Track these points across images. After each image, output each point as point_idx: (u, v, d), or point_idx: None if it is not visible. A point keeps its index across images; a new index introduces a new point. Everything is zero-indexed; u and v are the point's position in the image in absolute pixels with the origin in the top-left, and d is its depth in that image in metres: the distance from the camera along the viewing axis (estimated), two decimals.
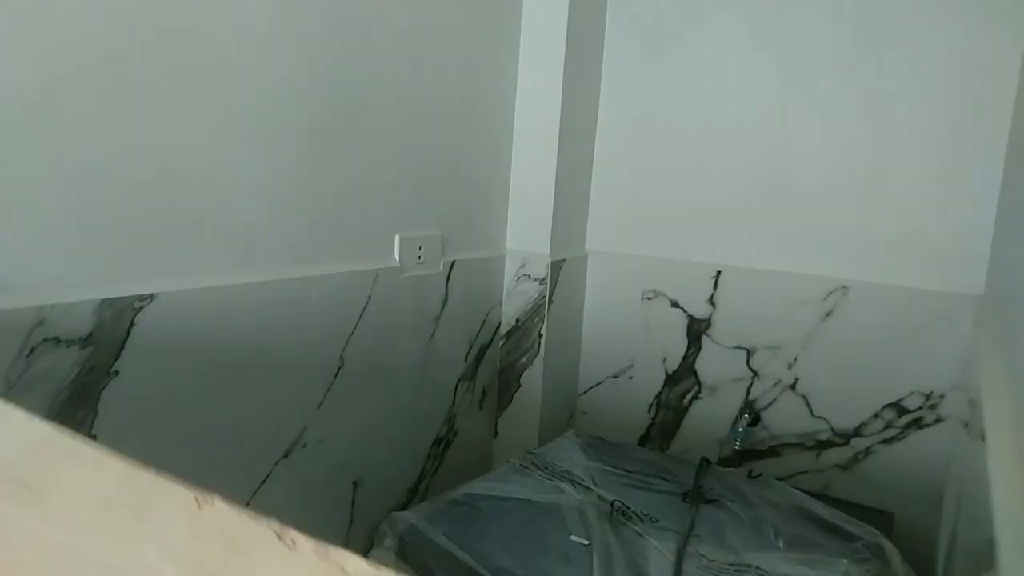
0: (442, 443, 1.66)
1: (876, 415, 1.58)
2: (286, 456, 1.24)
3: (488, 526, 1.24)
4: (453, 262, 1.60)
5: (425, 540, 1.19)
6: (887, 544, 1.20)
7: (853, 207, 1.58)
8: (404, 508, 1.54)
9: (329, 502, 1.35)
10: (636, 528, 1.25)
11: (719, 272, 1.74)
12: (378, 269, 1.39)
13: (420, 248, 1.50)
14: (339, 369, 1.33)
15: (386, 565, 0.91)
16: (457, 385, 1.68)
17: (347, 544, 1.39)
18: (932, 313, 1.51)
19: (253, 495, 1.19)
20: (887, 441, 1.57)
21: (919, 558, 1.23)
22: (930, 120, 1.49)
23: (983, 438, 1.11)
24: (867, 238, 1.57)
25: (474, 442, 1.78)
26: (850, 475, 1.61)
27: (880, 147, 1.55)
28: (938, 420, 1.51)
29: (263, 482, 1.21)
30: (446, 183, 1.56)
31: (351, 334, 1.35)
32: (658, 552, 1.17)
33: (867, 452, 1.60)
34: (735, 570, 1.12)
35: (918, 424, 1.54)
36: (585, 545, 1.19)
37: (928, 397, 1.52)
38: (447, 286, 1.59)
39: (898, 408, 1.55)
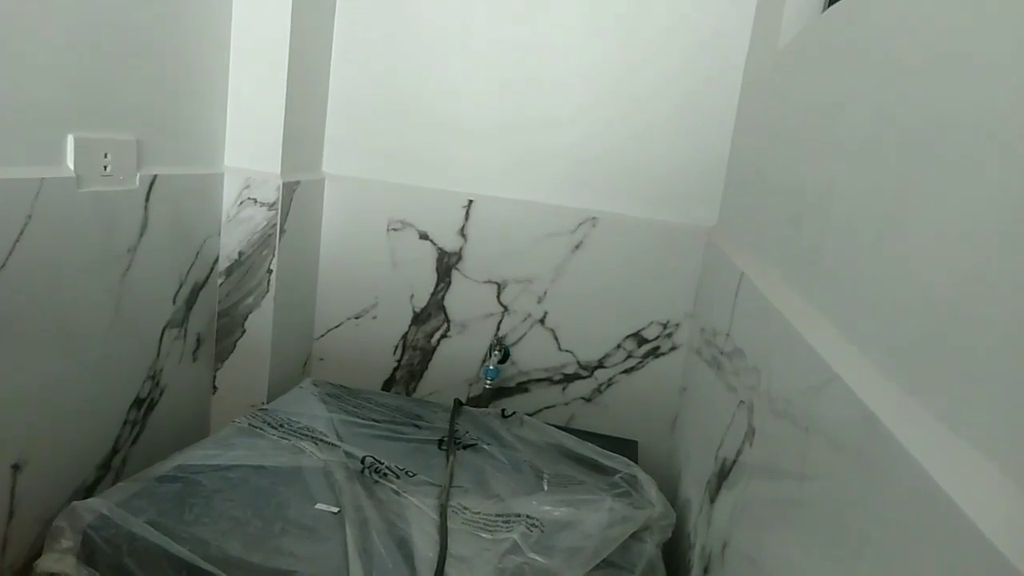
0: (143, 405, 1.33)
1: (618, 346, 1.60)
2: None
3: (210, 505, 1.00)
4: (155, 177, 1.26)
5: (121, 532, 0.91)
6: (642, 475, 1.20)
7: (602, 138, 1.55)
8: (92, 491, 1.21)
9: None
10: (392, 486, 1.10)
11: (471, 202, 1.62)
12: (42, 179, 1.02)
13: (106, 155, 1.15)
14: None
15: (65, 573, 0.62)
16: (163, 333, 1.36)
17: (5, 546, 1.05)
18: (671, 245, 1.55)
19: None
20: (628, 371, 1.61)
21: (661, 482, 1.26)
22: (671, 54, 1.50)
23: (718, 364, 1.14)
24: (615, 170, 1.56)
25: (187, 401, 1.48)
26: (594, 406, 1.64)
27: (627, 81, 1.53)
28: (673, 348, 1.58)
29: None
30: (143, 71, 1.21)
31: (1, 267, 0.98)
32: (419, 511, 1.04)
33: (609, 383, 1.62)
34: (504, 521, 1.03)
35: (655, 353, 1.59)
36: (335, 513, 1.01)
37: (665, 326, 1.58)
38: (146, 207, 1.25)
39: (638, 338, 1.59)
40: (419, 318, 1.68)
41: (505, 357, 1.64)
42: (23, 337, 1.03)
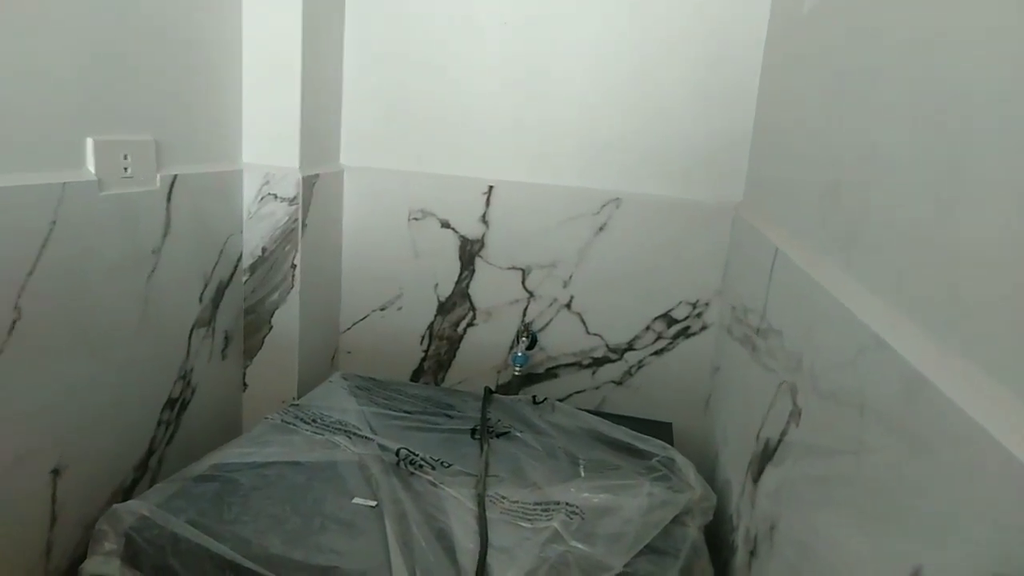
0: (176, 405, 1.34)
1: (647, 328, 1.58)
2: None
3: (248, 503, 0.99)
4: (175, 177, 1.25)
5: (163, 533, 0.91)
6: (679, 457, 1.19)
7: (622, 118, 1.52)
8: (130, 492, 1.22)
9: (17, 501, 0.99)
10: (428, 477, 1.09)
11: (491, 188, 1.60)
12: (64, 184, 1.02)
13: (125, 156, 1.14)
14: (14, 323, 0.96)
15: (109, 574, 0.61)
16: (191, 333, 1.36)
17: (49, 552, 1.05)
18: (697, 222, 1.52)
19: None
20: (658, 353, 1.59)
21: (697, 463, 1.24)
22: (689, 30, 1.47)
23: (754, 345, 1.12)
24: (636, 150, 1.53)
25: (218, 399, 1.48)
26: (624, 389, 1.62)
27: (646, 59, 1.49)
28: (703, 328, 1.56)
29: None
30: (157, 71, 1.20)
31: (29, 274, 0.98)
32: (457, 502, 1.03)
33: (639, 365, 1.60)
34: (543, 510, 1.01)
35: (685, 333, 1.57)
36: (373, 507, 1.00)
37: (694, 306, 1.55)
38: (168, 208, 1.25)
39: (667, 319, 1.57)
40: (444, 307, 1.67)
41: (533, 343, 1.62)
42: (53, 343, 1.03)
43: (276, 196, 1.47)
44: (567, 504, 1.02)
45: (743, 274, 1.32)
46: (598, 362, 1.62)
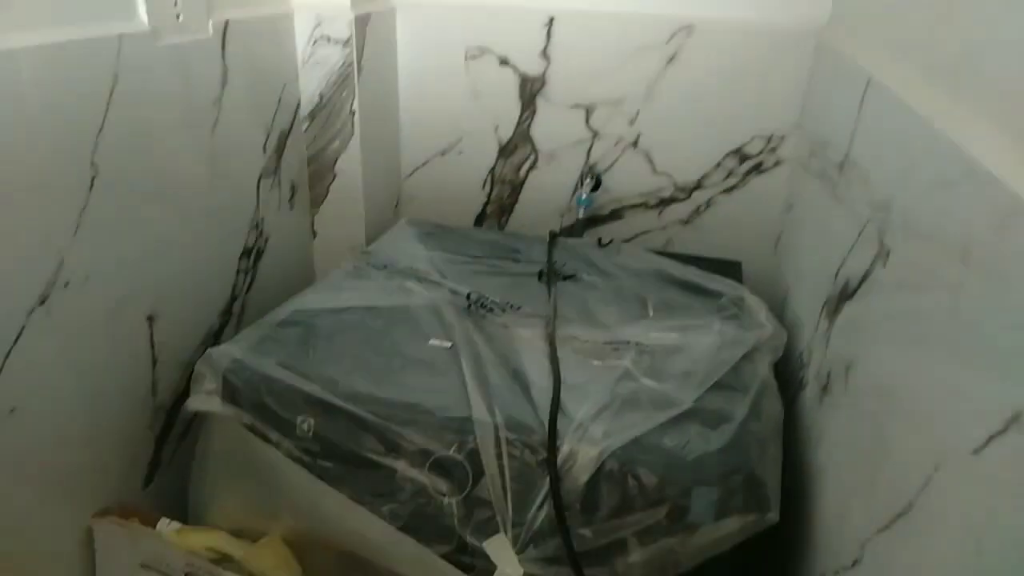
0: (252, 254, 1.38)
1: (718, 164, 1.52)
2: (43, 303, 0.93)
3: (331, 346, 1.05)
4: (227, 22, 1.21)
5: (256, 375, 0.97)
6: (749, 296, 1.18)
7: None
8: (219, 336, 1.30)
9: (117, 346, 1.07)
10: (500, 320, 1.12)
11: (552, 19, 1.50)
12: (120, 35, 1.00)
13: (176, 3, 1.10)
14: (93, 180, 0.98)
15: (213, 411, 0.67)
16: (259, 183, 1.37)
17: (155, 389, 1.15)
18: (775, 49, 1.41)
19: (5, 359, 0.89)
20: (728, 191, 1.54)
21: (767, 301, 1.23)
22: None
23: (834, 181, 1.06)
24: None
25: (290, 248, 1.52)
26: (692, 228, 1.59)
27: None
28: (777, 163, 1.49)
29: (16, 339, 0.90)
30: None
31: (100, 131, 0.98)
32: (529, 342, 1.06)
33: (708, 204, 1.56)
34: (613, 348, 1.04)
35: (758, 169, 1.51)
36: (448, 348, 1.04)
37: (769, 140, 1.48)
38: (223, 56, 1.22)
39: (740, 155, 1.50)
40: (505, 150, 1.63)
41: (597, 185, 1.59)
42: (133, 197, 1.06)
43: (329, 39, 1.42)
44: (637, 343, 1.04)
45: (827, 106, 1.24)
46: (665, 202, 1.59)
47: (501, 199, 1.69)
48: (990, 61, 0.62)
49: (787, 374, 1.15)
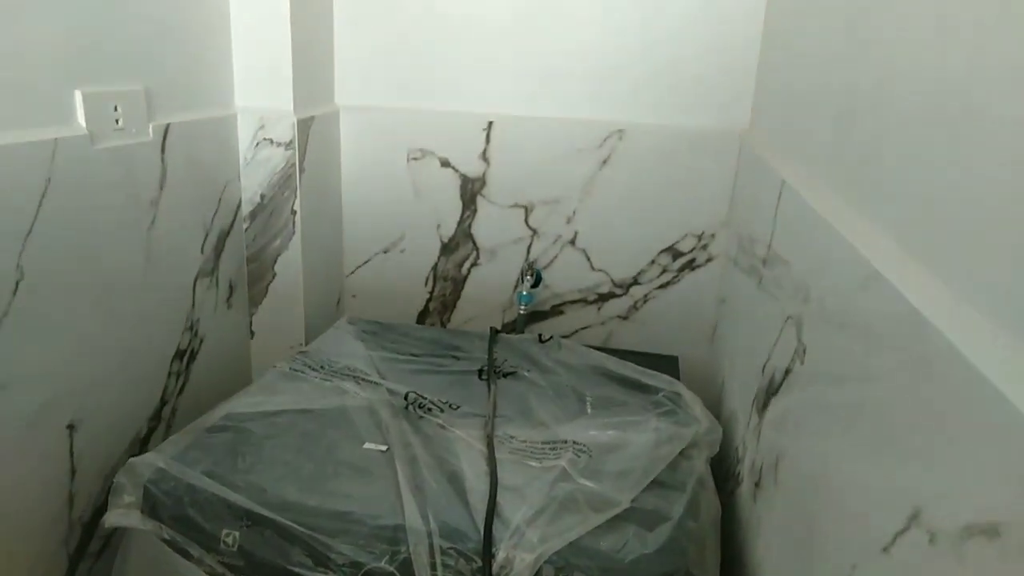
0: (185, 356, 1.35)
1: (653, 261, 1.57)
2: None
3: (262, 452, 1.01)
4: (168, 125, 1.23)
5: (180, 485, 0.93)
6: (685, 391, 1.20)
7: (623, 45, 1.47)
8: (146, 442, 1.24)
9: (35, 456, 1.01)
10: (437, 420, 1.11)
11: (490, 123, 1.56)
12: (56, 139, 1.00)
13: (116, 108, 1.11)
14: (18, 283, 0.96)
15: (131, 526, 0.63)
16: (196, 283, 1.36)
17: (72, 503, 1.08)
18: (702, 151, 1.49)
19: None
20: (663, 286, 1.58)
21: (704, 394, 1.25)
22: None
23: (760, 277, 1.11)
24: (639, 78, 1.48)
25: (227, 348, 1.49)
26: (631, 324, 1.62)
27: None
28: (709, 259, 1.55)
29: None
30: (143, 16, 1.15)
31: (28, 233, 0.97)
32: (466, 444, 1.05)
33: (645, 299, 1.60)
34: (551, 448, 1.03)
35: (691, 265, 1.56)
36: (383, 451, 1.02)
37: (700, 238, 1.54)
38: (163, 158, 1.23)
39: (673, 252, 1.56)
40: (447, 248, 1.66)
41: (537, 281, 1.62)
42: (59, 300, 1.03)
43: (272, 141, 1.44)
44: (574, 442, 1.04)
45: (750, 204, 1.30)
46: (603, 298, 1.62)
47: (444, 296, 1.70)
48: (887, 174, 0.67)
49: (724, 469, 1.15)
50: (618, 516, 0.89)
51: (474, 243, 1.65)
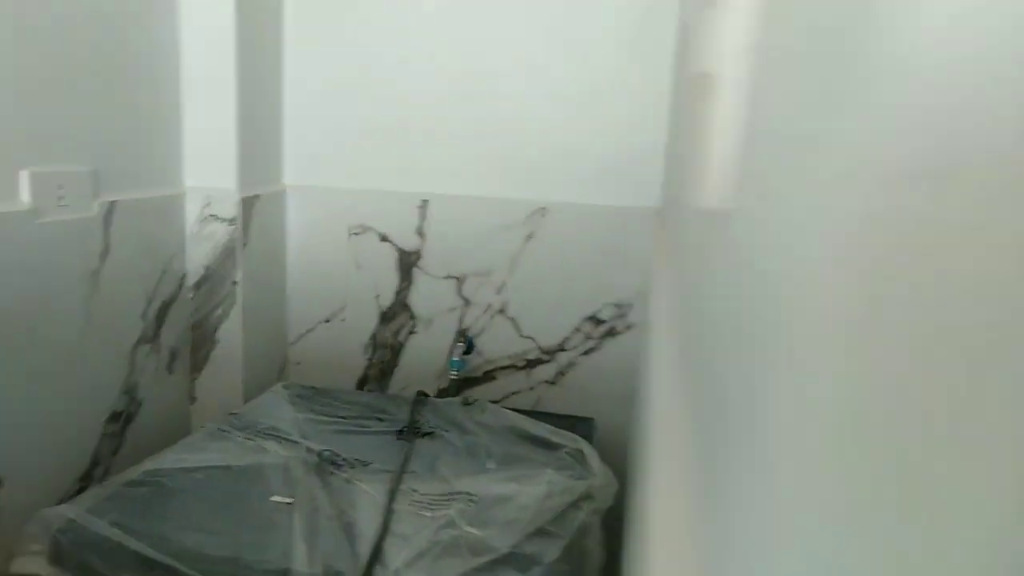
0: (121, 418, 1.41)
1: (576, 329, 1.66)
2: None
3: (174, 505, 1.07)
4: (112, 203, 1.34)
5: (87, 534, 0.99)
6: (587, 448, 1.26)
7: (546, 132, 1.61)
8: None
9: None
10: (345, 475, 1.17)
11: (425, 202, 1.68)
12: None
13: (60, 187, 1.22)
14: None
15: (35, 572, 0.70)
16: (135, 349, 1.43)
17: None
18: (620, 228, 1.61)
19: None
20: (587, 352, 1.67)
21: (620, 456, 1.32)
22: (607, 47, 1.55)
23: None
24: (560, 161, 1.62)
25: (166, 412, 1.56)
26: (558, 388, 1.70)
27: (569, 71, 1.58)
28: (628, 328, 1.64)
29: None
30: (93, 99, 1.28)
31: None
32: (368, 496, 1.11)
33: (570, 365, 1.68)
34: (445, 499, 1.09)
35: (612, 333, 1.65)
36: (289, 503, 1.08)
37: (619, 307, 1.64)
38: (106, 232, 1.33)
39: (594, 320, 1.65)
40: (386, 317, 1.75)
41: (470, 348, 1.70)
42: None
43: (217, 217, 1.55)
44: (468, 494, 1.10)
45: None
46: (532, 364, 1.70)
47: (382, 362, 1.78)
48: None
49: (625, 523, 1.21)
50: (496, 560, 0.94)
51: (411, 312, 1.74)
